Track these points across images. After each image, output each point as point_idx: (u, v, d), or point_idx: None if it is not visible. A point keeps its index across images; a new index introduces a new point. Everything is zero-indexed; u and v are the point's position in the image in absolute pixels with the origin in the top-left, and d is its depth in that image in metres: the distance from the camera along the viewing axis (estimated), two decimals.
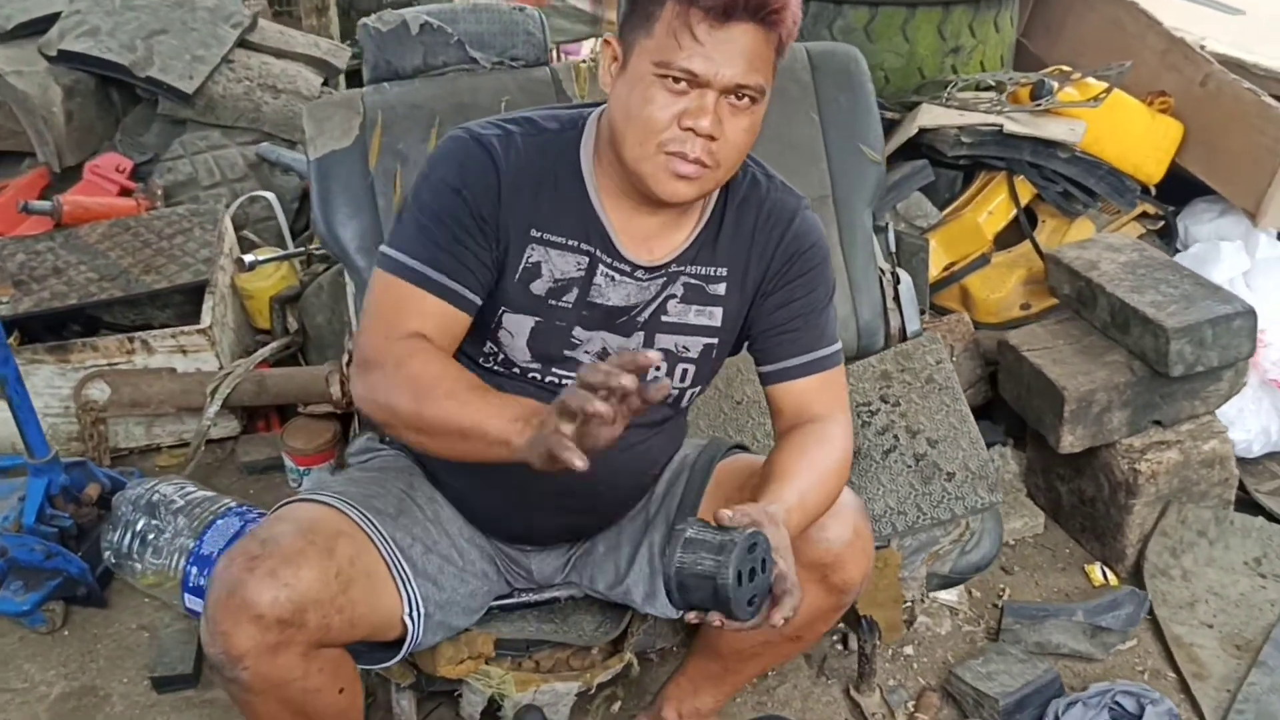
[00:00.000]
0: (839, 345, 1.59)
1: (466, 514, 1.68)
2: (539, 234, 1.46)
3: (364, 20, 2.26)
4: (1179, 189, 3.13)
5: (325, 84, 3.76)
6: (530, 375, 1.53)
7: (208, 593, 1.36)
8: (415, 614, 1.51)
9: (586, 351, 1.52)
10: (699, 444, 1.78)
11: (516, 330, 1.49)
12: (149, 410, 2.73)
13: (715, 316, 1.55)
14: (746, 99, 1.34)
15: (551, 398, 1.55)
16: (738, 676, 1.83)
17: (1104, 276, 2.43)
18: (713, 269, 1.53)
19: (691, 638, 1.85)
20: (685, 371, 1.58)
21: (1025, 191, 2.90)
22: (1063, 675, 2.14)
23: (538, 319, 1.49)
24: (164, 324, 2.86)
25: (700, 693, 1.86)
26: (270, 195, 3.22)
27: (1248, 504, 2.61)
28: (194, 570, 2.22)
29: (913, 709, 2.11)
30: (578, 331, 1.51)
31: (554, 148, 1.47)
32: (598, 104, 1.52)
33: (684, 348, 1.56)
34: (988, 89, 3.01)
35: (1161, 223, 3.16)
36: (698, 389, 1.62)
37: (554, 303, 1.48)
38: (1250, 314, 2.27)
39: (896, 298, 2.27)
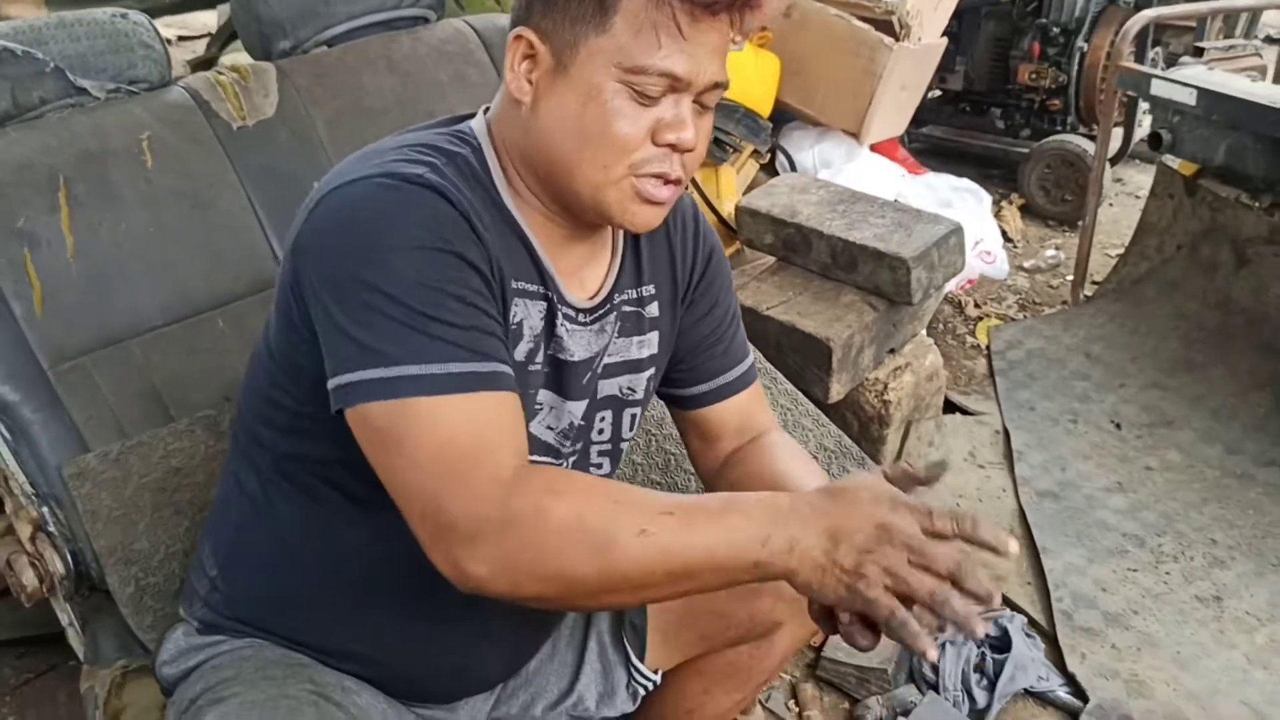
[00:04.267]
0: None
1: (384, 685, 1.25)
2: (517, 284, 1.09)
3: None
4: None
5: None
6: None
7: None
8: None
9: (550, 425, 1.18)
10: None
11: None
12: None
13: (652, 343, 1.27)
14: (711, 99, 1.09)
15: None
16: None
17: (812, 220, 2.40)
18: (643, 288, 1.26)
19: None
20: (633, 418, 1.30)
21: None
22: None
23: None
24: None
25: None
26: None
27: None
28: None
29: (798, 711, 1.98)
30: (542, 396, 1.16)
31: (474, 175, 1.10)
32: (464, 114, 1.17)
33: (629, 389, 1.27)
34: None
35: (769, 155, 3.24)
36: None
37: (531, 367, 1.13)
38: (959, 229, 2.37)
39: None
